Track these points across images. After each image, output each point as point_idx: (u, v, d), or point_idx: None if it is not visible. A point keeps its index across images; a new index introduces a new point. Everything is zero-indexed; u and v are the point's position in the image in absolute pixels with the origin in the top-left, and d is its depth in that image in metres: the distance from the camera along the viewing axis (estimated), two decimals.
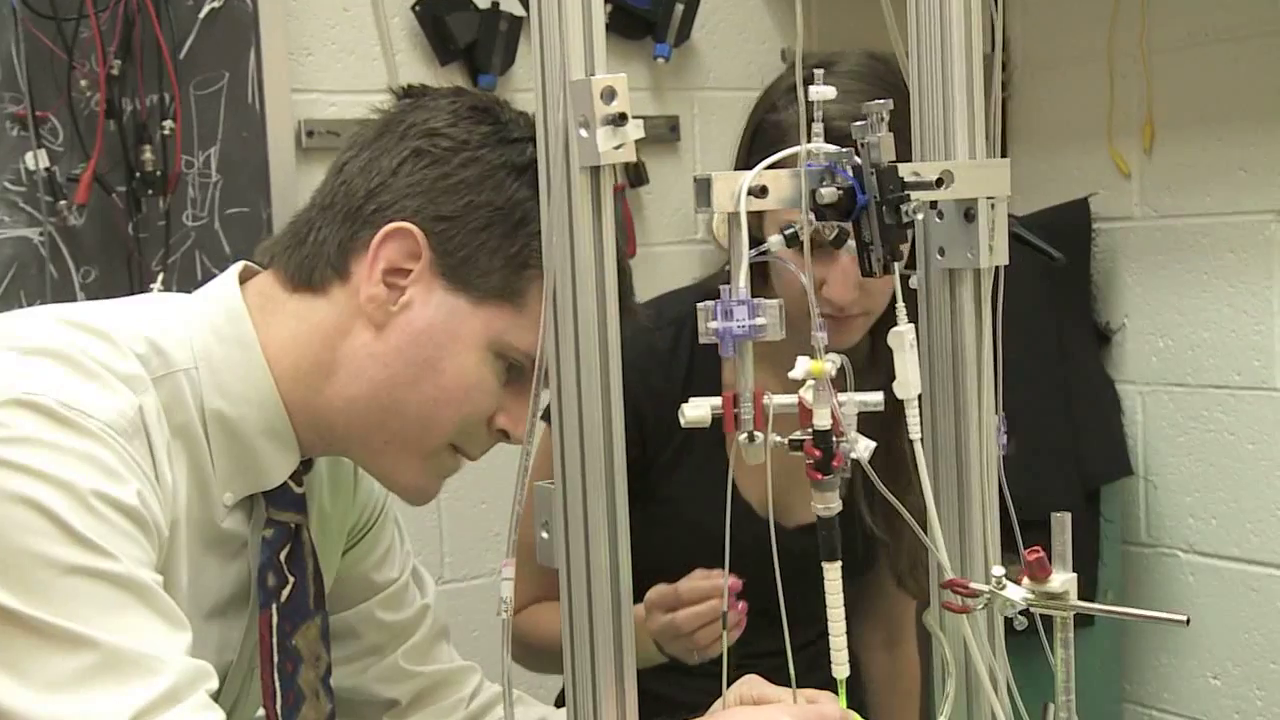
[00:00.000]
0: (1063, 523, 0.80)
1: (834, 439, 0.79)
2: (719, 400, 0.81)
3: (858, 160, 0.79)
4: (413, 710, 1.18)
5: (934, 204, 0.87)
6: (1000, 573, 0.81)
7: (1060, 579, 0.80)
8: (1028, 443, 2.09)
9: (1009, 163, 0.86)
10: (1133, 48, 2.19)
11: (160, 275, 1.87)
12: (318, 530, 1.08)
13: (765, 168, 0.79)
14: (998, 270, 0.86)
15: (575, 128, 0.75)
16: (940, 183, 0.83)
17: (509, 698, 0.82)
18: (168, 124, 1.87)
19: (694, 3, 2.29)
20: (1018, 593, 0.80)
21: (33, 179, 1.81)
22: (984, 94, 0.86)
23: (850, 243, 0.73)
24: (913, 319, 0.83)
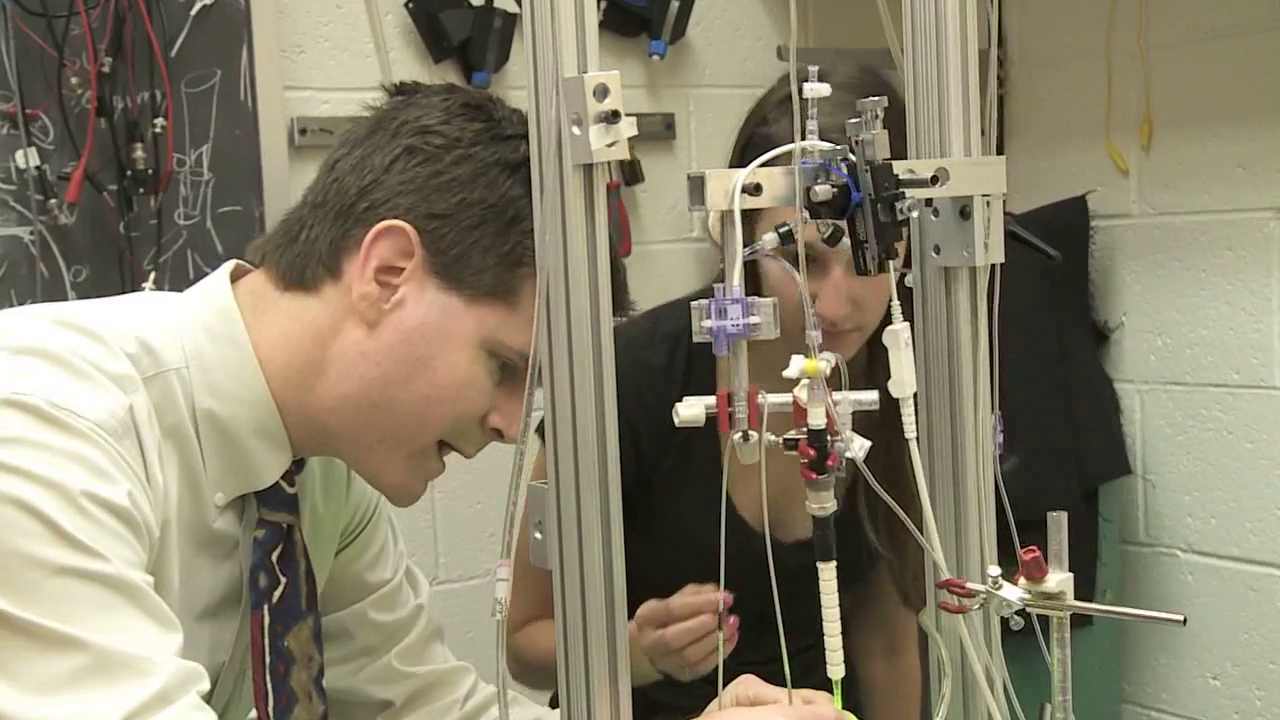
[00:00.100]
0: (1059, 522, 0.80)
1: (829, 438, 0.79)
2: (713, 399, 0.81)
3: (852, 157, 0.78)
4: (407, 711, 1.18)
5: (929, 202, 0.86)
6: (996, 572, 0.81)
7: (1056, 579, 0.79)
8: (1026, 442, 2.09)
9: (1004, 160, 0.86)
10: (1131, 44, 2.19)
11: (152, 274, 1.86)
12: (310, 530, 1.07)
13: (759, 165, 0.78)
14: (994, 268, 0.86)
15: (568, 125, 0.75)
16: (935, 180, 0.82)
17: (503, 699, 0.82)
18: (159, 122, 1.86)
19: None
20: (1014, 593, 0.80)
21: (23, 177, 1.81)
22: (980, 91, 0.85)
23: (843, 258, 0.73)
24: (908, 318, 0.83)
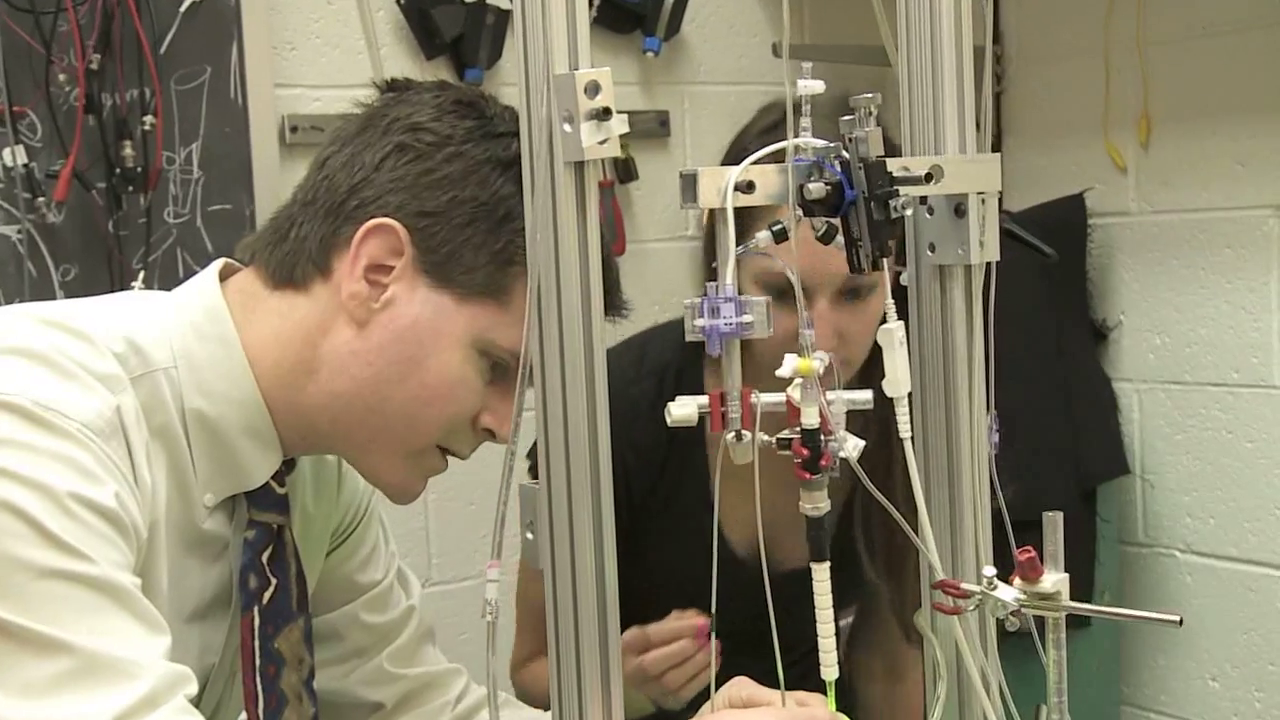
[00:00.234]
0: (1054, 522, 0.80)
1: (822, 438, 0.78)
2: (706, 399, 0.80)
3: (846, 155, 0.78)
4: (398, 713, 1.17)
5: (924, 199, 0.86)
6: (991, 573, 0.80)
7: (1052, 579, 0.79)
8: (1025, 442, 2.08)
9: (999, 157, 0.86)
10: (1129, 41, 2.19)
11: (141, 273, 1.85)
12: (301, 531, 1.07)
13: (752, 163, 0.78)
14: (989, 266, 0.85)
15: (559, 122, 0.74)
16: (930, 178, 0.82)
17: (493, 700, 0.81)
18: (148, 119, 1.85)
19: None
20: (1009, 593, 0.79)
21: (10, 176, 1.80)
22: (975, 88, 0.85)
23: (828, 290, 0.73)
24: (902, 316, 0.82)
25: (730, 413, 0.79)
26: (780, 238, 0.79)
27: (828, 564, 0.82)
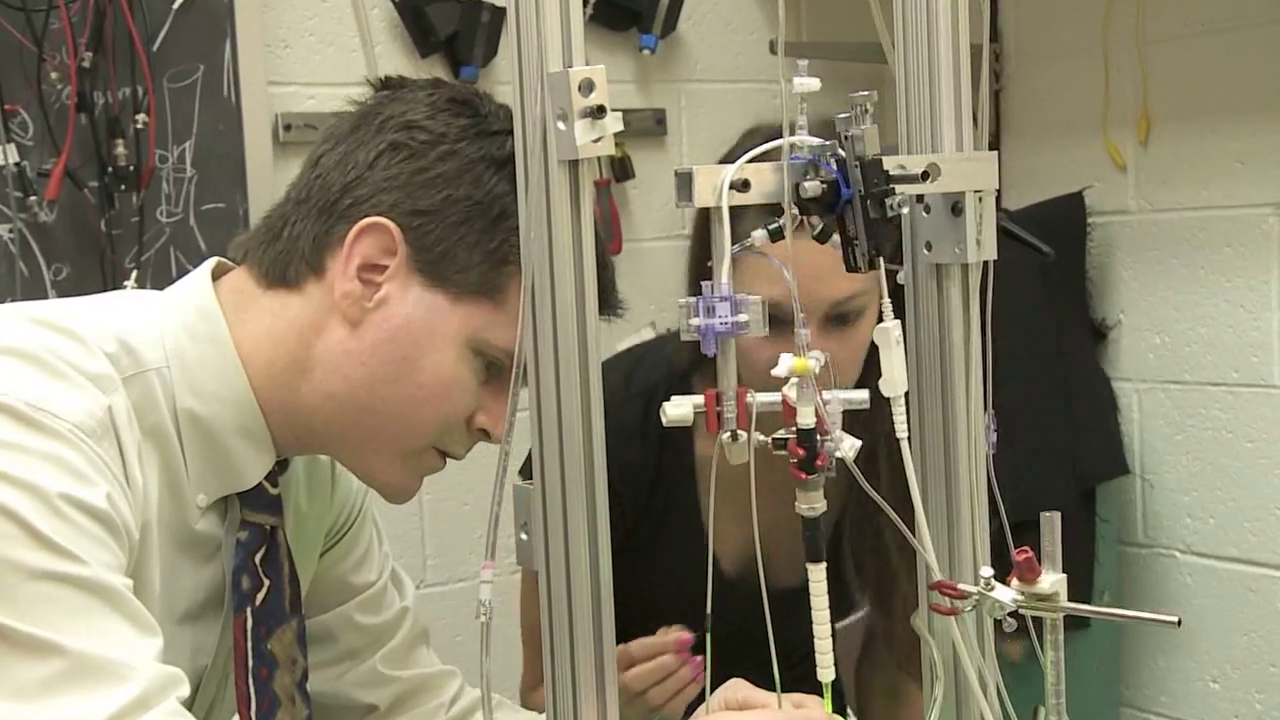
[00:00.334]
0: (1052, 522, 0.80)
1: (818, 438, 0.78)
2: (701, 399, 0.80)
3: (842, 153, 0.77)
4: (391, 715, 1.17)
5: (920, 198, 0.86)
6: (989, 574, 0.80)
7: (1050, 580, 0.79)
8: (1025, 442, 2.07)
9: (996, 156, 0.85)
10: (1128, 38, 2.18)
11: (134, 273, 1.85)
12: (294, 532, 1.06)
13: (748, 161, 0.77)
14: (986, 265, 0.85)
15: (553, 120, 0.74)
16: (926, 176, 0.82)
17: (487, 702, 0.81)
18: (141, 118, 1.85)
19: None
20: (1006, 594, 0.79)
21: (2, 174, 1.79)
22: (973, 85, 0.85)
23: (814, 318, 0.72)
24: (899, 315, 0.82)
25: (726, 412, 0.78)
26: (775, 237, 0.79)
27: (824, 565, 0.82)
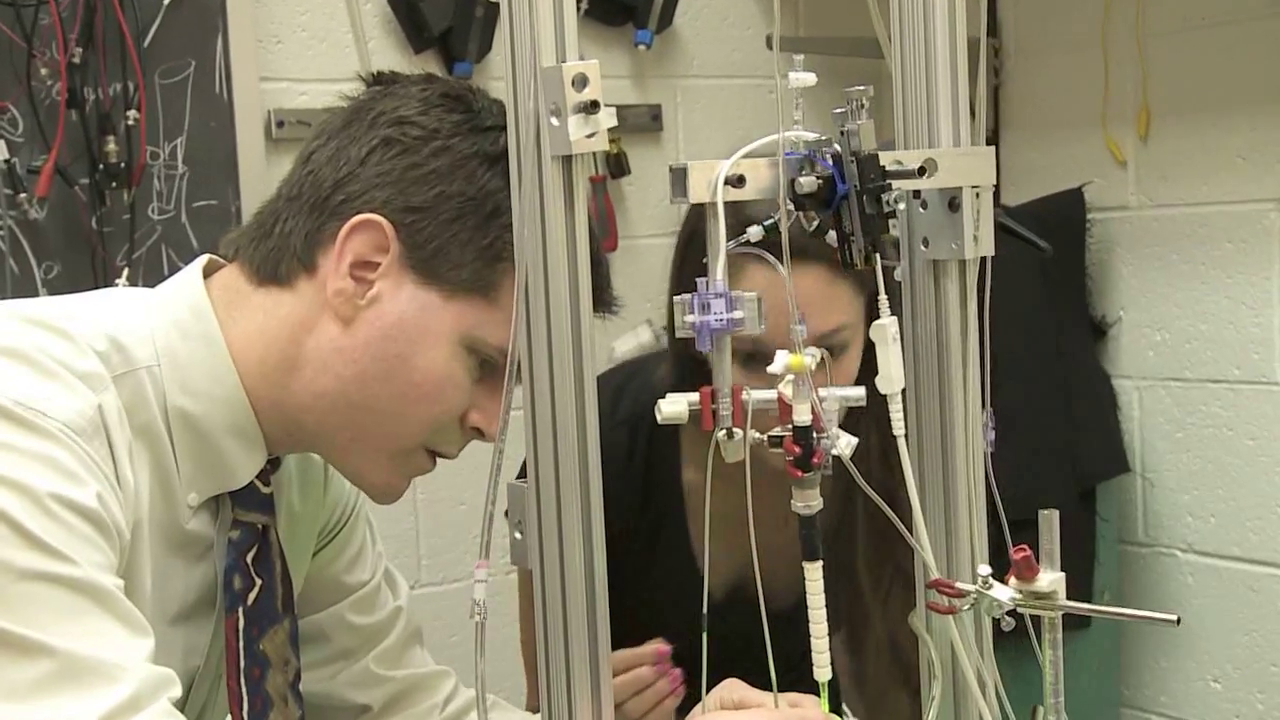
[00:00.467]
0: (1050, 520, 0.79)
1: (814, 435, 0.78)
2: (696, 396, 0.79)
3: (837, 148, 0.77)
4: (385, 716, 1.17)
5: (917, 193, 0.85)
6: (987, 572, 0.80)
7: (1048, 578, 0.79)
8: (1024, 441, 2.06)
9: (994, 151, 0.85)
10: (1128, 32, 2.18)
11: (125, 270, 1.84)
12: (286, 531, 1.06)
13: (743, 156, 0.77)
14: (983, 261, 0.85)
15: (546, 116, 0.73)
16: (923, 171, 0.81)
17: (482, 703, 0.80)
18: (132, 114, 1.84)
19: None
20: (1005, 593, 0.79)
21: None
22: (971, 80, 0.84)
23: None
24: (896, 312, 0.81)
25: (721, 410, 0.78)
26: (772, 233, 0.78)
27: (820, 563, 0.82)
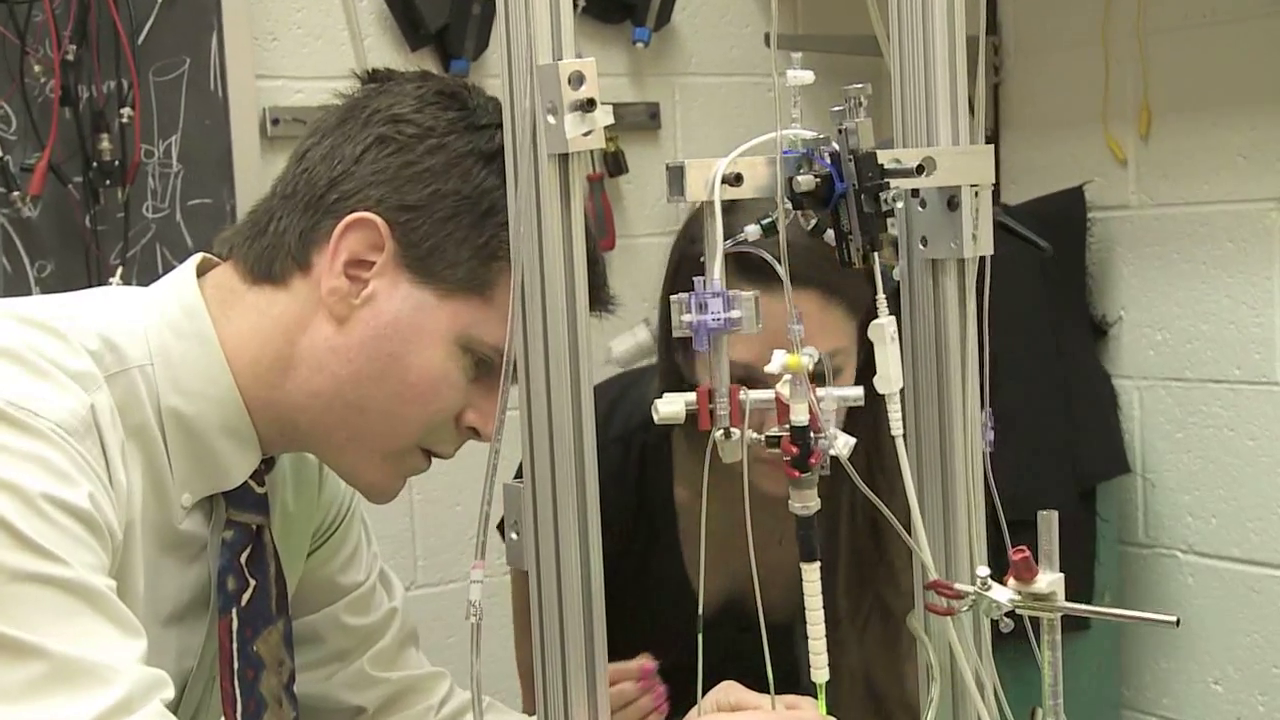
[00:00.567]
0: (1049, 521, 0.79)
1: (812, 435, 0.77)
2: (694, 396, 0.79)
3: (835, 147, 0.77)
4: (380, 718, 1.16)
5: (916, 192, 0.85)
6: (985, 573, 0.79)
7: (1047, 579, 0.78)
8: (1024, 441, 2.05)
9: (993, 149, 0.84)
10: (1128, 30, 2.17)
11: (119, 269, 1.83)
12: (281, 531, 1.05)
13: (740, 154, 0.77)
14: (982, 260, 0.84)
15: (542, 114, 0.73)
16: (921, 170, 0.81)
17: (478, 705, 0.80)
18: (126, 111, 1.83)
19: None
20: (1003, 594, 0.79)
21: None
22: (970, 78, 0.84)
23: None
24: (894, 311, 0.81)
25: (719, 409, 0.77)
26: (769, 231, 0.78)
27: (818, 564, 0.81)
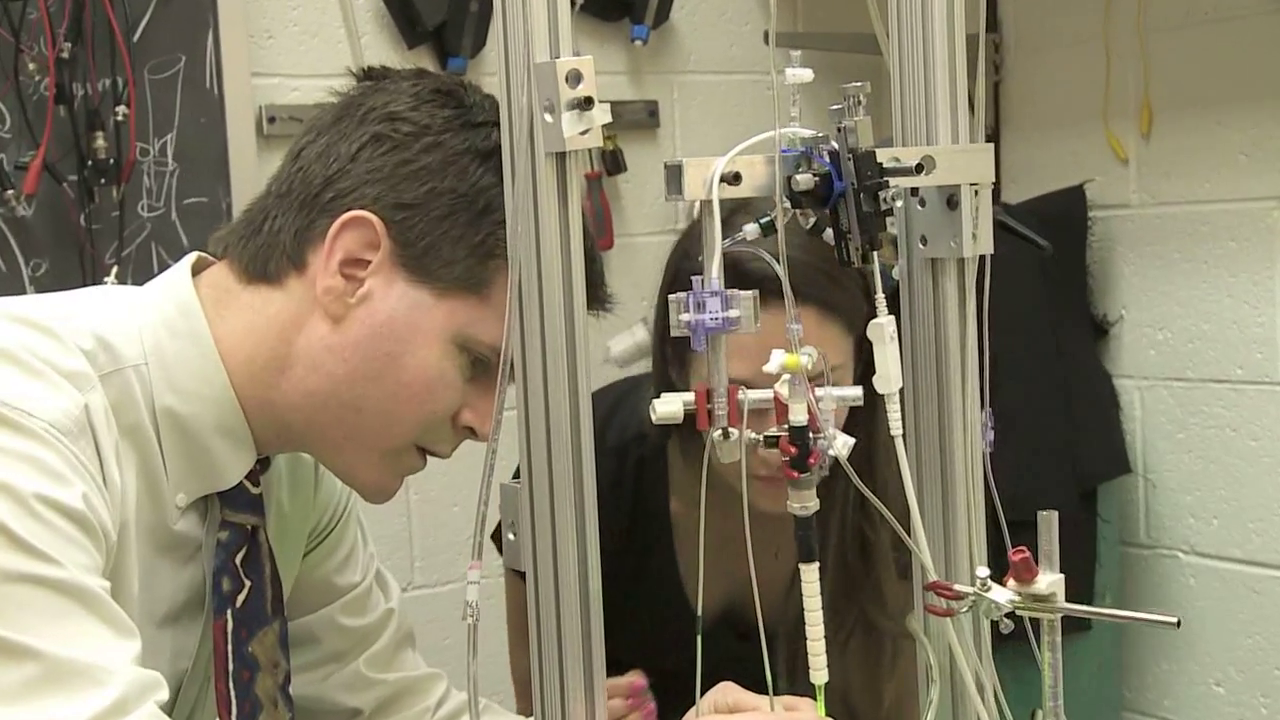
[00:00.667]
0: (1049, 521, 0.79)
1: (810, 435, 0.77)
2: (691, 396, 0.79)
3: (834, 145, 0.76)
4: (376, 719, 1.16)
5: (915, 191, 0.85)
6: (985, 574, 0.79)
7: (1047, 580, 0.78)
8: (1024, 441, 2.05)
9: (992, 148, 0.84)
10: (1129, 28, 2.16)
11: (114, 268, 1.83)
12: (276, 532, 1.05)
13: (739, 153, 0.76)
14: (983, 260, 0.84)
15: (540, 112, 0.73)
16: (921, 168, 0.80)
17: (474, 706, 0.79)
18: (121, 110, 1.83)
19: None
20: (1003, 595, 0.78)
21: None
22: (970, 76, 0.83)
23: None
24: (894, 311, 0.81)
25: (717, 409, 0.77)
26: (768, 230, 0.78)
27: (816, 565, 0.81)
